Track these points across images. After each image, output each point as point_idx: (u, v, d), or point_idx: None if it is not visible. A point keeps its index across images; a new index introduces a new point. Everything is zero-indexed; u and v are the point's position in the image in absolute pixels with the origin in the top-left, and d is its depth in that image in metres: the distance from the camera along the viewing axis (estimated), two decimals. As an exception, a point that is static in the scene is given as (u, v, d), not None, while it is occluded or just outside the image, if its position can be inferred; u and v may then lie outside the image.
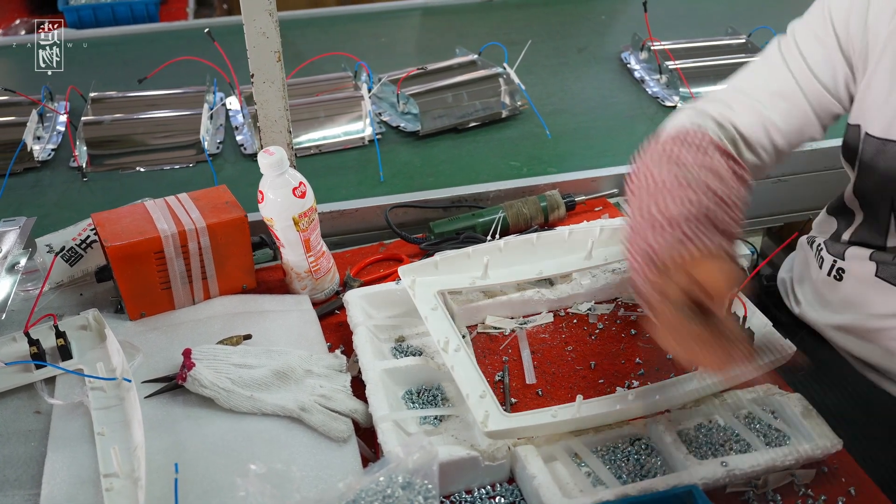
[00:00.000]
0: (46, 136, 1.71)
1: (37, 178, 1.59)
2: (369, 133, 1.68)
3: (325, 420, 0.97)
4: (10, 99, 1.79)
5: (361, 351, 1.05)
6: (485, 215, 1.35)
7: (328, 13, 2.41)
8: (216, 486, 0.89)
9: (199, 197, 1.18)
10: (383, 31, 2.33)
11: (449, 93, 1.74)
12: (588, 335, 1.14)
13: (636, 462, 0.93)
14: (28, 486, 0.91)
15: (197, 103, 1.76)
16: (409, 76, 1.79)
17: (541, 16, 2.37)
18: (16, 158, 1.58)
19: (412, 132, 1.71)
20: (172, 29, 2.39)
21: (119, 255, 1.09)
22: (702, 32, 2.05)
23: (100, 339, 1.10)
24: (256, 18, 1.18)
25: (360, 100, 1.72)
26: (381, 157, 1.59)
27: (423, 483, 0.80)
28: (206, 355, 1.02)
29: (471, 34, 2.19)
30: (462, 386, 0.96)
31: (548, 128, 1.70)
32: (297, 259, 1.18)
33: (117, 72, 2.01)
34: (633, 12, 2.28)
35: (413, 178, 1.55)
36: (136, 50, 2.19)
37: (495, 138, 1.70)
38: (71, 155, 1.64)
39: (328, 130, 1.69)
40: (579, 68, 2.03)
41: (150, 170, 1.61)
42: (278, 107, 1.26)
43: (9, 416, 1.00)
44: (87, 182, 1.57)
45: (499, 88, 1.76)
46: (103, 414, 0.98)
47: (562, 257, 1.20)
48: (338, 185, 1.53)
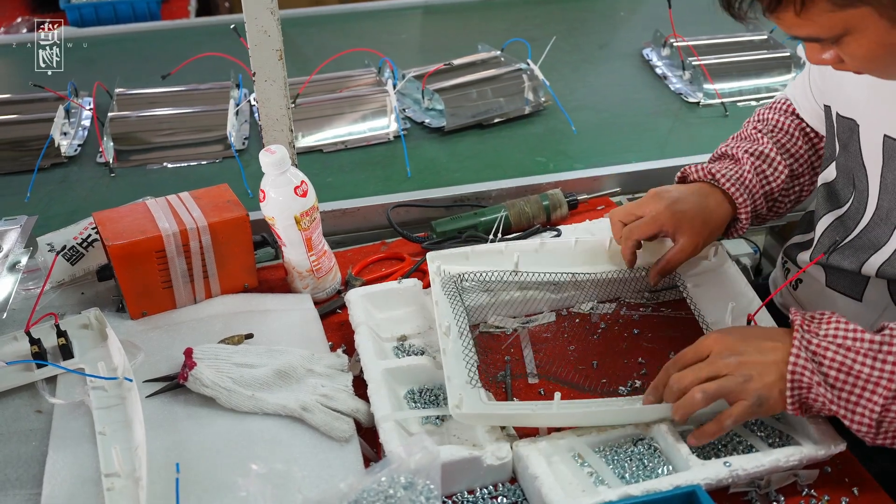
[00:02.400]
0: (72, 131, 1.71)
1: (64, 174, 1.59)
2: (394, 129, 1.68)
3: (327, 420, 0.97)
4: (32, 95, 1.79)
5: (363, 350, 1.04)
6: (487, 214, 1.35)
7: (348, 10, 2.41)
8: (217, 485, 0.89)
9: (201, 196, 1.18)
10: (403, 28, 2.34)
11: (473, 89, 1.74)
12: (590, 334, 1.14)
13: (639, 462, 0.93)
14: (29, 486, 0.91)
15: (221, 99, 1.76)
16: (434, 72, 1.79)
17: (559, 12, 2.37)
18: (44, 154, 1.58)
19: (437, 128, 1.71)
20: (174, 27, 2.39)
21: (120, 254, 1.09)
22: (722, 29, 2.05)
23: (101, 338, 1.10)
24: (258, 17, 1.18)
25: (385, 96, 1.72)
26: (407, 153, 1.59)
27: (425, 483, 0.79)
28: (207, 354, 1.02)
29: (490, 31, 2.20)
30: (447, 368, 0.97)
31: (573, 123, 1.70)
32: (298, 258, 1.17)
33: (139, 68, 2.02)
34: (651, 9, 2.29)
35: (440, 174, 1.55)
36: (157, 46, 2.20)
37: (520, 134, 1.70)
38: (97, 150, 1.65)
39: (354, 126, 1.69)
40: (600, 65, 2.03)
41: (176, 165, 1.62)
42: (280, 105, 1.26)
43: (10, 416, 1.00)
44: (114, 177, 1.57)
45: (522, 84, 1.76)
46: (104, 413, 0.98)
47: (600, 265, 1.19)
48: (365, 181, 1.53)
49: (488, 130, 1.71)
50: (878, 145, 1.01)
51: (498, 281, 1.15)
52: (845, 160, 1.08)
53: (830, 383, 0.87)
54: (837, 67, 0.90)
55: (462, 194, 1.43)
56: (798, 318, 0.91)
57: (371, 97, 1.73)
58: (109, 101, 1.76)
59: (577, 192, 1.42)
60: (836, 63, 0.89)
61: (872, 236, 1.05)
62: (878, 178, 1.02)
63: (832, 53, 0.87)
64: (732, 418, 0.89)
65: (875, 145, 1.02)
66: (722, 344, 0.92)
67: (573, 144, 1.64)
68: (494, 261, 1.17)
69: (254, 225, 1.17)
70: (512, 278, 1.16)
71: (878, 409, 0.85)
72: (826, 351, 0.87)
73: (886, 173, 1.01)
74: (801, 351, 0.88)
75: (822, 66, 0.98)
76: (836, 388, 0.87)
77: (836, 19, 0.80)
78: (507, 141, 1.67)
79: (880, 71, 0.88)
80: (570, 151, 1.61)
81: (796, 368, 0.88)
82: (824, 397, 0.87)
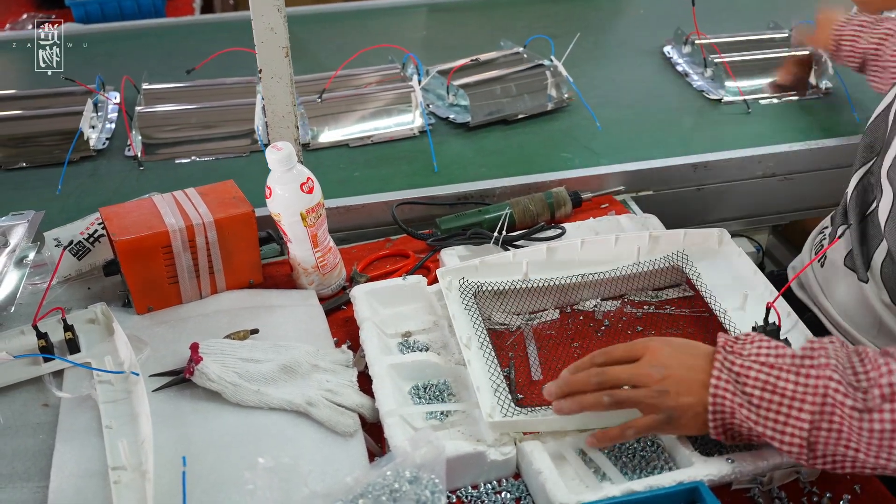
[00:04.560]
0: (99, 125, 1.72)
1: (94, 167, 1.60)
2: (420, 124, 1.69)
3: (332, 414, 0.97)
4: (57, 89, 1.80)
5: (368, 346, 1.05)
6: (491, 212, 1.35)
7: (369, 6, 2.42)
8: (223, 479, 0.90)
9: (207, 192, 1.18)
10: (424, 24, 2.35)
11: (497, 85, 1.75)
12: (594, 332, 1.14)
13: (642, 458, 0.93)
14: (36, 479, 0.92)
15: (247, 93, 1.77)
16: (459, 68, 1.80)
17: (579, 10, 2.39)
18: (73, 147, 1.59)
19: (461, 123, 1.71)
20: (180, 24, 2.39)
21: (127, 250, 1.09)
22: (743, 27, 2.06)
23: (108, 332, 1.10)
24: (265, 14, 1.18)
25: (410, 91, 1.73)
26: (433, 148, 1.60)
27: (430, 477, 0.80)
28: (213, 349, 1.03)
29: (511, 28, 2.21)
30: (475, 378, 0.97)
31: (598, 119, 1.70)
32: (304, 254, 1.18)
33: (162, 63, 2.03)
34: (670, 6, 2.29)
35: (467, 168, 1.55)
36: (179, 42, 2.21)
37: (544, 130, 1.71)
38: (124, 144, 1.65)
39: (379, 121, 1.70)
40: (622, 61, 2.03)
41: (205, 159, 1.62)
42: (286, 102, 1.27)
43: (17, 409, 1.01)
44: (143, 171, 1.58)
45: (545, 81, 1.77)
46: (111, 407, 0.98)
47: (607, 263, 1.19)
48: (392, 175, 1.54)
49: (512, 126, 1.72)
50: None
51: (509, 290, 1.17)
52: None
53: (755, 403, 0.83)
54: None
55: (466, 192, 1.44)
56: (721, 340, 0.88)
57: (396, 93, 1.74)
58: (136, 95, 1.78)
59: (582, 191, 1.43)
60: None
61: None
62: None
63: None
64: (635, 429, 0.88)
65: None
66: (656, 354, 0.88)
67: (598, 140, 1.64)
68: (505, 270, 1.18)
69: (259, 221, 1.18)
70: (522, 285, 1.17)
71: (805, 426, 0.80)
72: (749, 370, 0.84)
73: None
74: (722, 373, 0.85)
75: None
76: (761, 409, 0.82)
77: None
78: (532, 137, 1.68)
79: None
80: (596, 147, 1.61)
81: (717, 391, 0.84)
82: (748, 420, 0.83)
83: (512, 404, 0.95)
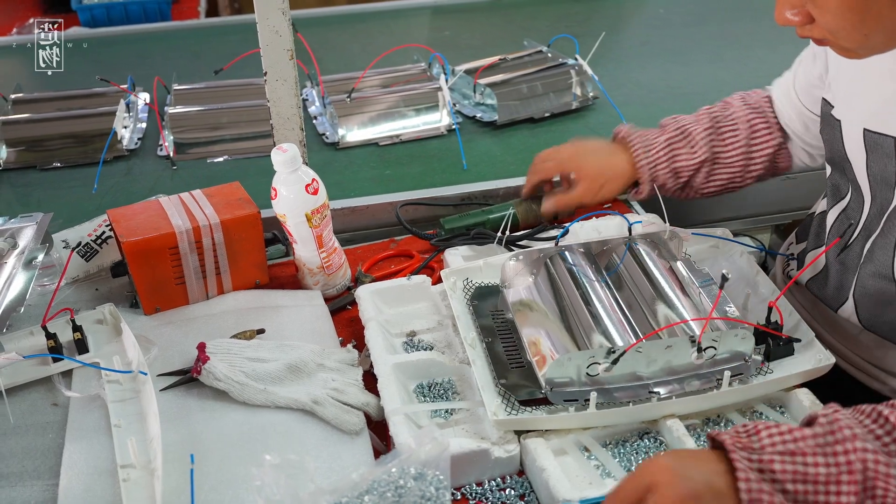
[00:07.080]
0: (131, 125, 1.74)
1: (127, 167, 1.62)
2: (447, 122, 1.71)
3: (338, 413, 0.98)
4: (88, 90, 1.84)
5: (373, 345, 1.06)
6: (495, 212, 1.36)
7: (393, 7, 2.46)
8: (231, 476, 0.91)
9: (213, 193, 1.19)
10: (447, 25, 2.37)
11: (523, 84, 1.77)
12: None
13: (645, 455, 0.94)
14: (46, 477, 0.93)
15: None
16: (486, 67, 1.82)
17: (600, 9, 2.41)
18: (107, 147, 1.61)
19: (488, 122, 1.73)
20: (185, 27, 2.41)
21: (134, 251, 1.11)
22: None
23: (115, 333, 1.12)
24: (269, 17, 1.19)
25: (437, 90, 1.74)
26: (462, 146, 1.61)
27: (434, 474, 0.81)
28: (220, 349, 1.04)
29: (534, 28, 2.23)
30: (479, 378, 0.98)
31: (624, 118, 1.71)
32: (309, 255, 1.19)
33: (190, 63, 2.07)
34: (688, 6, 2.30)
35: (495, 166, 1.57)
36: (206, 43, 2.25)
37: (571, 128, 1.72)
38: (156, 144, 1.68)
39: (407, 120, 1.72)
40: (644, 61, 2.05)
41: (236, 158, 1.64)
42: (291, 104, 1.28)
43: (27, 409, 1.02)
44: (176, 170, 1.60)
45: (570, 80, 1.79)
46: (120, 406, 0.99)
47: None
48: (423, 173, 1.56)
49: (539, 124, 1.73)
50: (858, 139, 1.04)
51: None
52: (831, 155, 1.12)
53: (793, 498, 0.73)
54: (801, 33, 0.90)
55: (470, 192, 1.45)
56: (726, 438, 0.76)
57: (423, 92, 1.75)
58: (166, 96, 1.80)
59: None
60: (804, 24, 0.89)
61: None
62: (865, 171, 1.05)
63: (801, 12, 0.87)
64: None
65: (856, 140, 1.04)
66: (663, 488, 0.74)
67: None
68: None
69: (265, 222, 1.19)
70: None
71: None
72: (772, 464, 0.74)
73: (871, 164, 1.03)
74: (748, 473, 0.73)
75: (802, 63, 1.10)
76: (800, 502, 0.73)
77: None
78: (560, 135, 1.69)
79: (851, 28, 0.85)
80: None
81: (752, 495, 0.72)
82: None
83: (517, 404, 0.96)
